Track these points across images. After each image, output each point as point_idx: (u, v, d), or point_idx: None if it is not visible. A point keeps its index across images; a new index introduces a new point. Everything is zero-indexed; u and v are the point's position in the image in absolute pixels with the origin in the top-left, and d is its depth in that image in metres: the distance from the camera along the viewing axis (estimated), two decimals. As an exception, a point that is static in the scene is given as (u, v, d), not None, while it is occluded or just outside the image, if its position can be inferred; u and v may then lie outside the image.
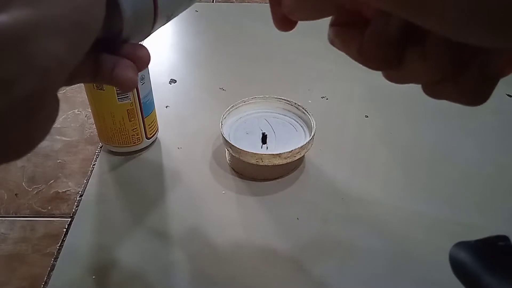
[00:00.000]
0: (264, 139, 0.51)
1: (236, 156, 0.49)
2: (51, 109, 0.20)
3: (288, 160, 0.48)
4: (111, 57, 0.25)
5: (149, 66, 0.49)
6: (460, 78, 0.18)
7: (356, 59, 0.20)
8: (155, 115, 0.54)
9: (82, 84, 0.55)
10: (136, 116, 0.50)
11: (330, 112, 0.61)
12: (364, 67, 0.21)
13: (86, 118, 0.60)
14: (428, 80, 0.19)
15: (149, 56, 0.26)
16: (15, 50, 0.17)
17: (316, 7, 0.19)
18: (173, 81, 0.65)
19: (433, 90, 0.20)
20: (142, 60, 0.25)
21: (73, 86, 0.63)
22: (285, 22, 0.22)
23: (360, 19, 0.20)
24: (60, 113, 0.21)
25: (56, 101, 0.21)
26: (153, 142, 0.55)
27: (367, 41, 0.19)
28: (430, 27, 0.15)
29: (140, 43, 0.26)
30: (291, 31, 0.23)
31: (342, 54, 0.22)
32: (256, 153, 0.47)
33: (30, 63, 0.17)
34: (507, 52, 0.17)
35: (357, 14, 0.20)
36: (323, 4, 0.19)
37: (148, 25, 0.25)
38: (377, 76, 0.22)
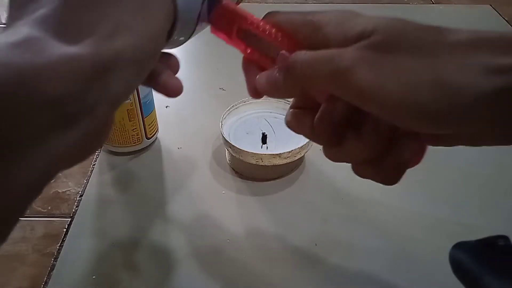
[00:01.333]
0: (264, 139, 0.51)
1: (236, 156, 0.49)
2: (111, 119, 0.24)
3: (288, 160, 0.48)
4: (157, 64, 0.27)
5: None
6: (382, 163, 0.24)
7: (308, 137, 0.26)
8: (155, 115, 0.54)
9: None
10: (136, 116, 0.50)
11: (330, 112, 0.60)
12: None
13: (86, 118, 0.60)
14: (359, 159, 0.25)
15: (179, 64, 0.29)
16: (94, 81, 0.18)
17: (282, 93, 0.25)
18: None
19: (360, 170, 0.25)
20: (174, 68, 0.29)
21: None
22: (256, 93, 0.27)
23: (314, 104, 0.25)
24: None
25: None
26: (153, 142, 0.55)
27: (317, 121, 0.24)
28: (378, 113, 0.21)
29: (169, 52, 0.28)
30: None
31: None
32: (256, 153, 0.47)
33: (106, 92, 0.19)
34: (419, 143, 0.24)
35: (313, 100, 0.25)
36: (288, 93, 0.25)
37: (186, 36, 0.27)
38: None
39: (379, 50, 0.20)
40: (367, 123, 0.23)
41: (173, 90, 0.27)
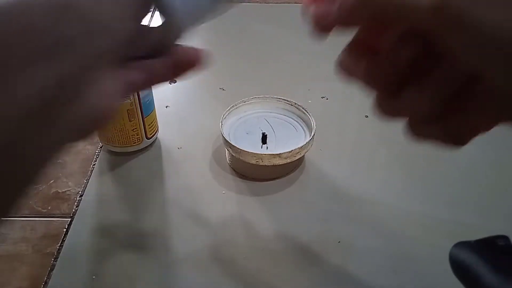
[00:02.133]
0: (264, 139, 0.51)
1: (236, 156, 0.49)
2: (109, 83, 0.21)
3: (288, 160, 0.48)
4: (162, 59, 0.25)
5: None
6: (447, 121, 0.20)
7: (361, 81, 0.22)
8: (155, 115, 0.54)
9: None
10: (136, 116, 0.50)
11: (330, 112, 0.61)
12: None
13: (86, 118, 0.60)
14: (419, 114, 0.21)
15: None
16: (71, 13, 0.18)
17: (346, 18, 0.20)
18: (173, 81, 0.65)
19: (418, 128, 0.22)
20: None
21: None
22: (319, 26, 0.22)
23: (371, 51, 0.21)
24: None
25: (114, 78, 0.21)
26: (153, 142, 0.55)
27: (378, 65, 0.21)
28: (474, 58, 0.17)
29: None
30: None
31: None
32: (256, 153, 0.47)
33: (87, 22, 0.18)
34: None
35: (370, 47, 0.22)
36: (353, 19, 0.20)
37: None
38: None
39: None
40: (436, 71, 0.19)
41: (196, 56, 0.25)
